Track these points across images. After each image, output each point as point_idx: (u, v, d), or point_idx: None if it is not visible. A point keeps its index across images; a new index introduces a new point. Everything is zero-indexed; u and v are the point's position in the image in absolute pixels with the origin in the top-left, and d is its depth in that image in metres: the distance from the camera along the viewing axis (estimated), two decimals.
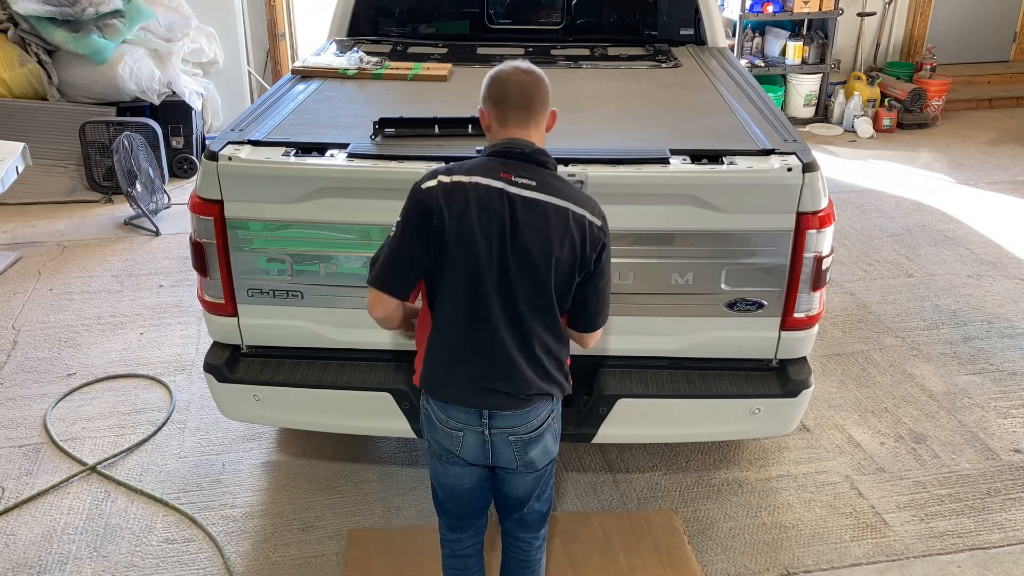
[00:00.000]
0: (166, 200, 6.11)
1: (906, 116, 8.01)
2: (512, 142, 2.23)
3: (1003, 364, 4.30)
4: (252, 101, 7.28)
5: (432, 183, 2.19)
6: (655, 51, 4.59)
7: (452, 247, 2.15)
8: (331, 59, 4.11)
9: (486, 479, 2.42)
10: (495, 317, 2.19)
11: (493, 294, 2.17)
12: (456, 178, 2.18)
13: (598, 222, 2.23)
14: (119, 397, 4.03)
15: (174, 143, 6.63)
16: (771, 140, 2.99)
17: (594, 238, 2.21)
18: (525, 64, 2.28)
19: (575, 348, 2.41)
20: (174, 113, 6.57)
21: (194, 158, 6.65)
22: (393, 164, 2.82)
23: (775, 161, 2.82)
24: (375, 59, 4.08)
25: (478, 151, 2.86)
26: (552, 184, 2.21)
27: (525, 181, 2.18)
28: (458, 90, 3.82)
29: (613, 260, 2.43)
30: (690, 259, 2.90)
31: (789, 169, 2.77)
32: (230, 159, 2.83)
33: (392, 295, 2.24)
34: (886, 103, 8.09)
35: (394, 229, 2.22)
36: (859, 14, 8.25)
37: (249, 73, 7.51)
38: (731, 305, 2.96)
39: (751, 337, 3.02)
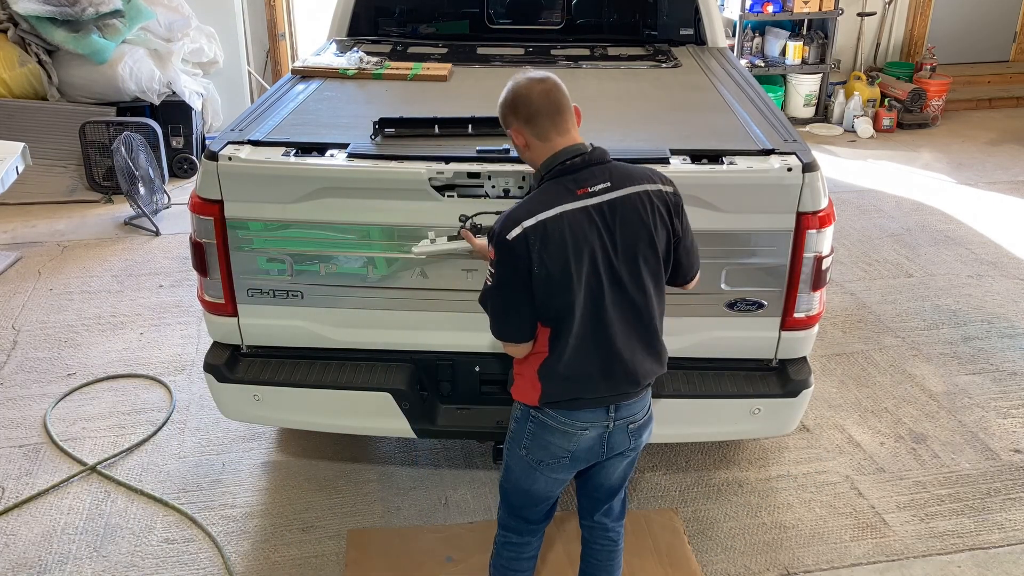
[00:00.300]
0: (166, 200, 6.11)
1: (906, 116, 8.01)
2: (566, 152, 2.23)
3: (1003, 364, 4.30)
4: (252, 101, 7.28)
5: (517, 231, 2.14)
6: (655, 51, 4.59)
7: (560, 283, 2.15)
8: (331, 59, 4.11)
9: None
10: (617, 323, 2.23)
11: (612, 305, 2.21)
12: (540, 218, 2.14)
13: (670, 188, 2.29)
14: (119, 397, 4.03)
15: (174, 143, 6.63)
16: (771, 140, 2.99)
17: (675, 205, 2.28)
18: (535, 73, 2.28)
19: None
20: (174, 113, 6.58)
21: (194, 158, 6.65)
22: (393, 164, 2.82)
23: (775, 161, 2.82)
24: (375, 59, 4.08)
25: (479, 151, 2.88)
26: (622, 174, 2.25)
27: (602, 186, 2.20)
28: (458, 90, 3.83)
29: None
30: None
31: (789, 169, 2.77)
32: (230, 159, 2.83)
33: (522, 343, 2.27)
34: (886, 103, 8.09)
35: (490, 279, 2.23)
36: (859, 14, 8.25)
37: (249, 73, 7.51)
38: (731, 305, 2.96)
39: (751, 337, 3.02)
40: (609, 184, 2.20)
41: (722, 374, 3.06)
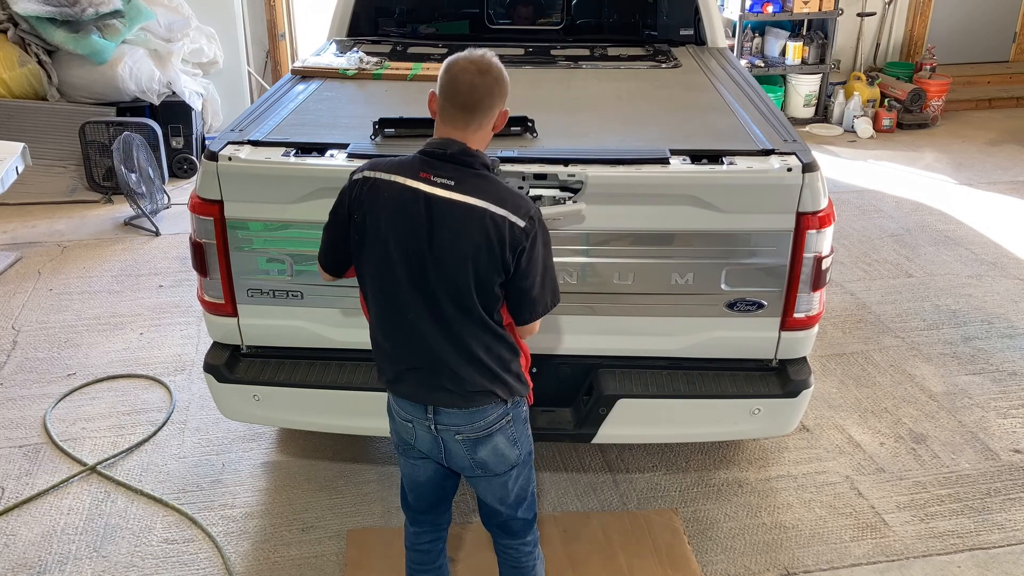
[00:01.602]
0: (166, 200, 6.11)
1: (906, 116, 8.01)
2: (442, 142, 2.19)
3: (1003, 364, 4.30)
4: (252, 101, 7.28)
5: (358, 176, 2.24)
6: (655, 51, 4.59)
7: (369, 244, 2.19)
8: (331, 59, 4.11)
9: (444, 476, 2.44)
10: (424, 316, 2.18)
11: (417, 294, 2.17)
12: (378, 174, 2.20)
13: (521, 223, 2.13)
14: (119, 397, 4.03)
15: (174, 143, 6.63)
16: (771, 140, 2.99)
17: (514, 239, 2.12)
18: (485, 59, 2.21)
19: (567, 346, 2.39)
20: (174, 113, 6.57)
21: (194, 158, 6.65)
22: None
23: (775, 161, 2.82)
24: (375, 59, 4.08)
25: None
26: (473, 183, 2.15)
27: (444, 181, 2.14)
28: None
29: (614, 260, 2.41)
30: (690, 259, 2.90)
31: (789, 169, 2.77)
32: (230, 159, 2.83)
33: (329, 273, 2.38)
34: (886, 103, 8.09)
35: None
36: (859, 14, 8.25)
37: (249, 73, 7.51)
38: (731, 305, 2.96)
39: (751, 337, 3.02)
40: (452, 184, 2.14)
41: (722, 374, 3.06)
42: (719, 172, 2.80)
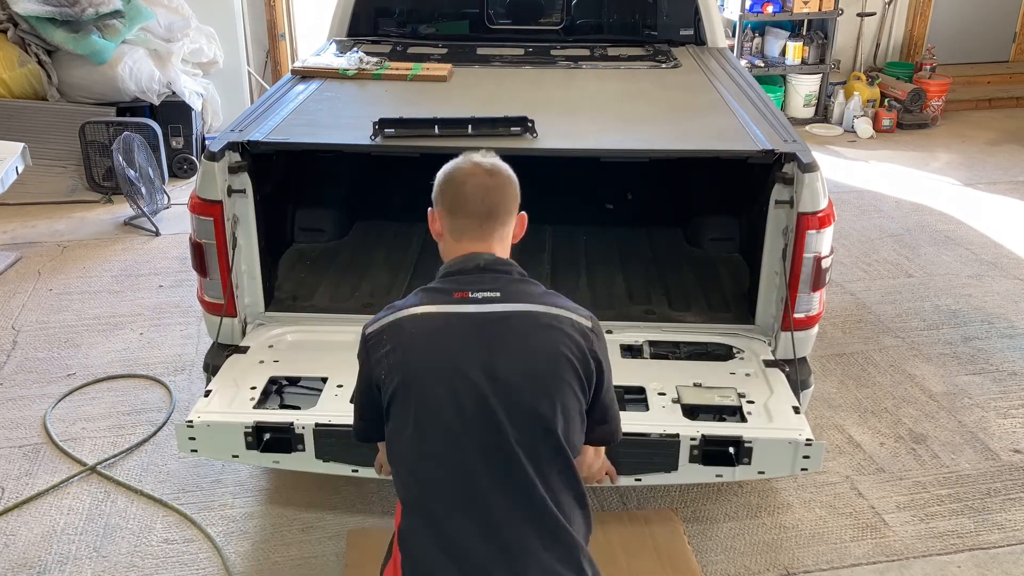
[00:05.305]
0: (166, 200, 6.11)
1: (906, 116, 8.01)
2: (465, 258, 1.85)
3: (1003, 364, 4.30)
4: (252, 101, 7.28)
5: (373, 330, 1.83)
6: (655, 51, 4.59)
7: (402, 399, 1.73)
8: (331, 59, 4.11)
9: None
10: (490, 482, 1.68)
11: (479, 451, 1.68)
12: (400, 314, 1.79)
13: (589, 323, 1.82)
14: (119, 397, 4.03)
15: (174, 143, 6.62)
16: (771, 140, 2.99)
17: (591, 345, 1.79)
18: (489, 160, 1.91)
19: None
20: (174, 113, 6.57)
21: (194, 158, 6.64)
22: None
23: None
24: (375, 59, 4.08)
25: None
26: (524, 290, 1.81)
27: (487, 294, 1.77)
28: (458, 90, 3.83)
29: None
30: None
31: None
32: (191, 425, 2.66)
33: (369, 441, 2.01)
34: (886, 103, 8.09)
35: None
36: (859, 14, 8.24)
37: (249, 73, 7.50)
38: None
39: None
40: (498, 295, 1.77)
41: None
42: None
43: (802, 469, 2.56)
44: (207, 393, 2.75)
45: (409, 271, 3.62)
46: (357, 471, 2.60)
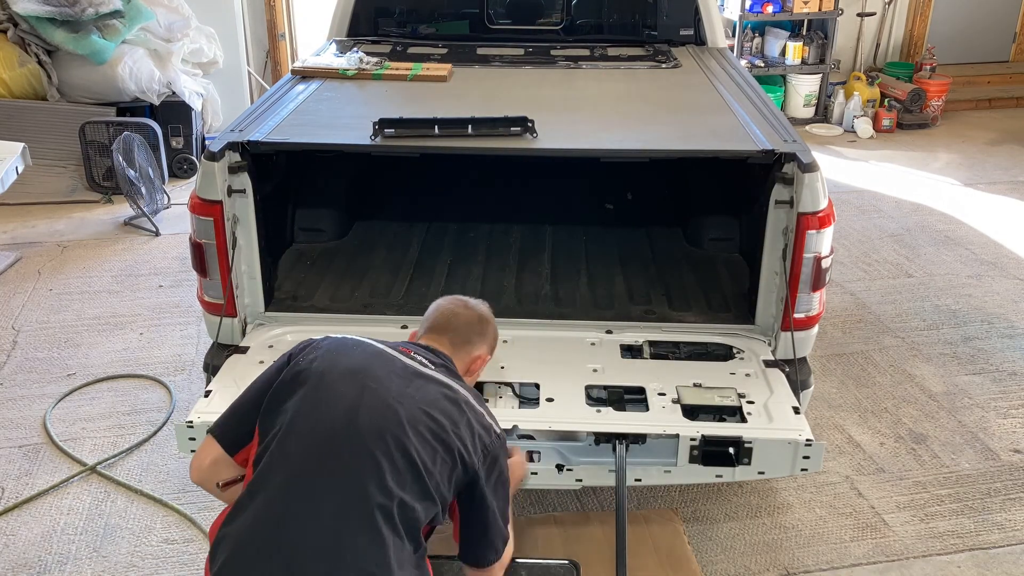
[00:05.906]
0: (166, 200, 6.11)
1: (906, 116, 8.01)
2: (426, 345, 2.05)
3: (1003, 364, 4.30)
4: (252, 101, 7.28)
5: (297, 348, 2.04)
6: (655, 51, 4.59)
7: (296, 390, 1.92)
8: (331, 59, 4.11)
9: None
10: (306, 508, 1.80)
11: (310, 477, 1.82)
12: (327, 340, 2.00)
13: (497, 430, 1.94)
14: (119, 397, 4.03)
15: (174, 143, 6.63)
16: (771, 140, 2.99)
17: (487, 444, 1.88)
18: (475, 301, 2.18)
19: None
20: (174, 113, 6.57)
21: (194, 158, 6.64)
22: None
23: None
24: (375, 59, 4.08)
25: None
26: (460, 381, 1.96)
27: (423, 359, 1.95)
28: (458, 90, 3.83)
29: None
30: None
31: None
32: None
33: (219, 443, 2.10)
34: (886, 103, 8.09)
35: None
36: (859, 14, 8.24)
37: (249, 73, 7.50)
38: None
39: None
40: (434, 366, 1.95)
41: None
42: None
43: (802, 469, 2.56)
44: (207, 393, 2.75)
45: (409, 271, 3.62)
46: None
